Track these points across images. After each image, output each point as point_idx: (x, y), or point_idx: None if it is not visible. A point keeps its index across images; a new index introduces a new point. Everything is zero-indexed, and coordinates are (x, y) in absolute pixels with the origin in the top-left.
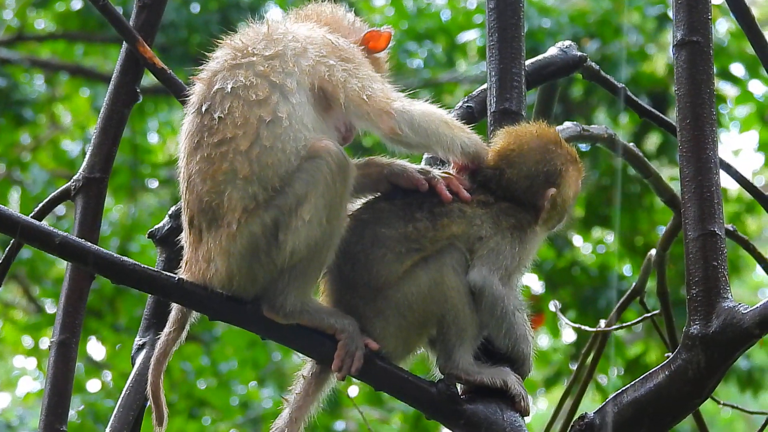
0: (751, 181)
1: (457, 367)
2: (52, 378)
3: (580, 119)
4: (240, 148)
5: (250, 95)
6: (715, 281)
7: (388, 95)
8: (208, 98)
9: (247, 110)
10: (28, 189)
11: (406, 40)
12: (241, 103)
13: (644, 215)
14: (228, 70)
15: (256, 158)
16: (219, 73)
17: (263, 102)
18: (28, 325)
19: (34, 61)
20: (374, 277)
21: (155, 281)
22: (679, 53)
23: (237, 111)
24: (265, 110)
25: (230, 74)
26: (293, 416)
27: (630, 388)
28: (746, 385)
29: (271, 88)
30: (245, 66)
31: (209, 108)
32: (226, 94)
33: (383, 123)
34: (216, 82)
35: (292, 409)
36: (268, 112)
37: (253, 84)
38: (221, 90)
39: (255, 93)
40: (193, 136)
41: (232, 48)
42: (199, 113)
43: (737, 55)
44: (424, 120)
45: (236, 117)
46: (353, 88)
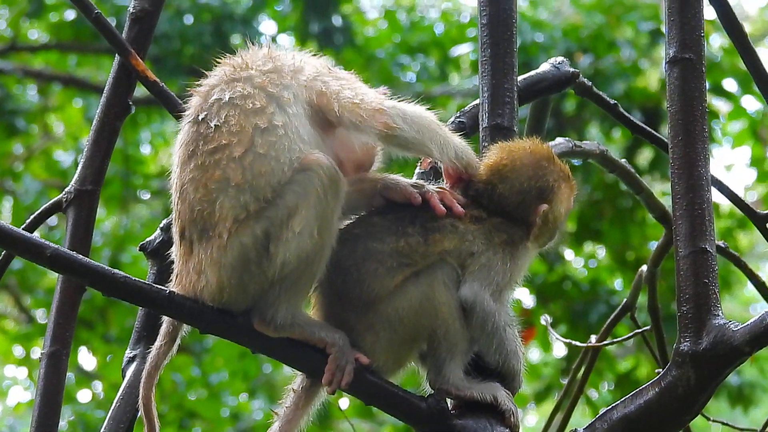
0: (742, 197)
1: (447, 382)
2: (43, 389)
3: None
4: (234, 155)
5: (247, 104)
6: (705, 298)
7: (380, 98)
8: (204, 108)
9: (243, 118)
10: (20, 199)
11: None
12: (237, 111)
13: (636, 230)
14: (226, 83)
15: (249, 166)
16: (216, 86)
17: (260, 111)
18: (19, 335)
19: (26, 71)
20: (365, 292)
21: (146, 294)
22: (672, 70)
23: (233, 119)
24: (261, 119)
25: (228, 86)
26: (283, 429)
27: (620, 404)
28: (736, 401)
29: (268, 99)
30: (243, 79)
31: (205, 117)
32: (223, 104)
33: (376, 120)
34: (213, 94)
35: (282, 422)
36: (263, 121)
37: (250, 94)
38: (218, 100)
39: (252, 102)
40: (188, 145)
41: (231, 65)
42: (195, 122)
43: (730, 71)
44: (417, 116)
45: (232, 125)
46: (346, 96)
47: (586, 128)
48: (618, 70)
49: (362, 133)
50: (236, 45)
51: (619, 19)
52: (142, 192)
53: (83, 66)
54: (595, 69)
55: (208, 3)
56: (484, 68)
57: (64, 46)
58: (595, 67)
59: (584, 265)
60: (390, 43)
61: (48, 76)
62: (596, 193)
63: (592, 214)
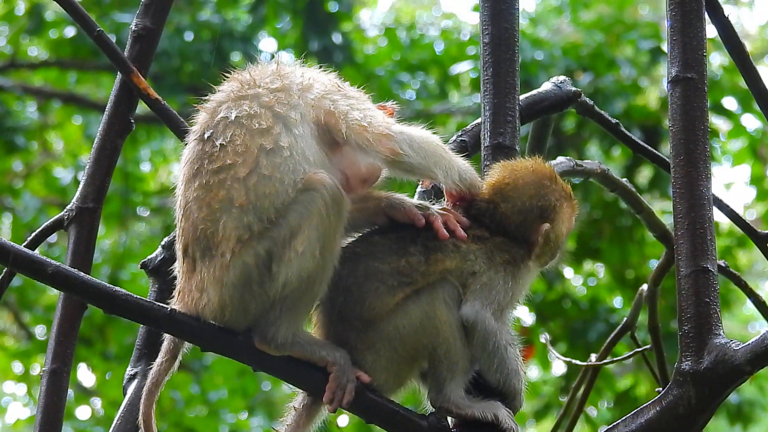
0: (742, 216)
1: (448, 401)
2: (44, 407)
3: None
4: (238, 175)
5: (253, 124)
6: (707, 317)
7: (388, 122)
8: (210, 126)
9: (249, 138)
10: (19, 216)
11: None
12: (243, 131)
13: (635, 248)
14: (233, 100)
15: (253, 187)
16: (224, 103)
17: (266, 131)
18: (19, 352)
19: (26, 89)
20: (366, 310)
21: (147, 312)
22: (674, 89)
23: (239, 139)
24: (267, 139)
25: (235, 104)
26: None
27: (621, 423)
28: (735, 419)
29: (274, 119)
30: (250, 97)
31: (211, 136)
32: (230, 123)
33: (383, 146)
34: (220, 112)
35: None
36: (269, 141)
37: (257, 114)
38: (225, 119)
39: (258, 122)
40: (193, 163)
41: (239, 81)
42: (201, 140)
43: (730, 89)
44: (424, 141)
45: (237, 145)
46: (354, 118)
47: (586, 146)
48: (618, 88)
49: (368, 156)
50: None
51: (619, 38)
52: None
53: (83, 83)
54: (594, 87)
55: (207, 20)
56: (486, 87)
57: (63, 63)
58: (595, 85)
59: (583, 283)
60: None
61: (47, 93)
62: (596, 211)
63: (591, 233)
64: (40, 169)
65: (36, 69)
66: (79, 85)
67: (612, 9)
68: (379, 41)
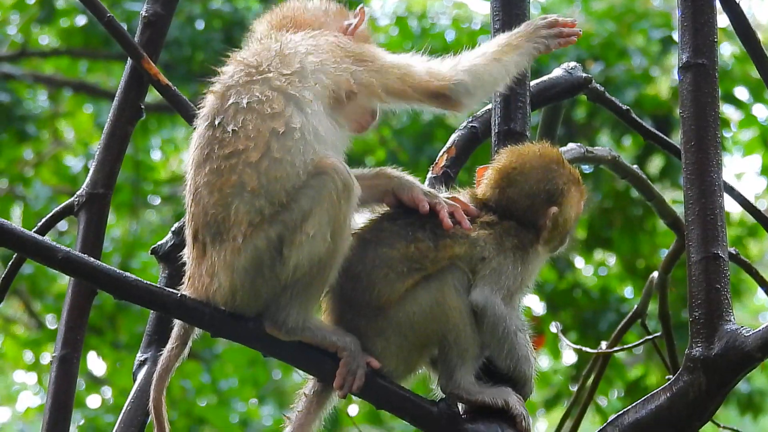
0: (753, 204)
1: (458, 387)
2: (54, 393)
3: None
4: (249, 160)
5: (265, 109)
6: (717, 304)
7: (427, 69)
8: (221, 112)
9: (261, 123)
10: (30, 205)
11: None
12: (255, 116)
13: (646, 238)
14: (243, 86)
15: (264, 171)
16: (233, 88)
17: (277, 115)
18: (29, 341)
19: (37, 77)
20: (376, 297)
21: (157, 297)
22: (685, 76)
23: (250, 124)
24: (278, 122)
25: (245, 89)
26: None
27: (631, 409)
28: (746, 409)
29: (286, 101)
30: (261, 81)
31: (222, 121)
32: (241, 109)
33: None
34: (230, 97)
35: (294, 427)
36: (281, 124)
37: (268, 98)
38: (236, 104)
39: (270, 106)
40: (203, 148)
41: (246, 65)
42: (212, 126)
43: (741, 79)
44: (474, 67)
45: (249, 130)
46: (389, 80)
47: (597, 136)
48: (629, 77)
49: (423, 107)
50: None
51: (630, 27)
52: (153, 198)
53: (94, 72)
54: (605, 77)
55: (219, 9)
56: None
57: (74, 51)
58: (606, 74)
59: (594, 273)
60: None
61: (58, 81)
62: (606, 201)
63: (602, 222)
64: (51, 158)
65: (47, 58)
66: (90, 74)
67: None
68: (390, 30)
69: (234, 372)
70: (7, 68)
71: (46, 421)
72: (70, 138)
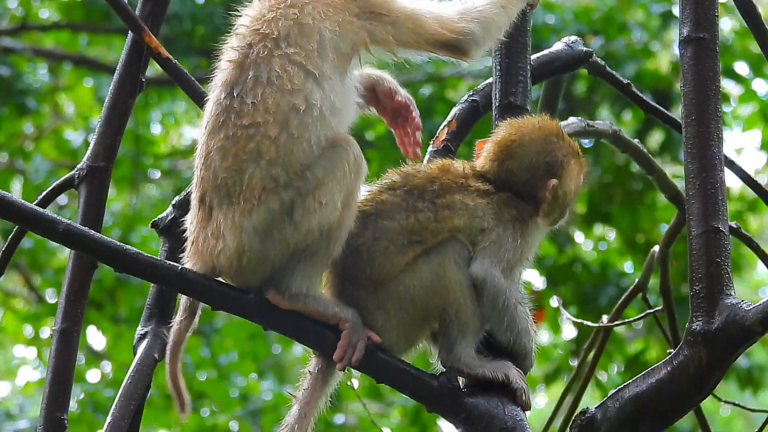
0: (754, 178)
1: (458, 361)
2: (54, 366)
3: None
4: (268, 134)
5: (285, 84)
6: (718, 278)
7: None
8: (239, 83)
9: (280, 98)
10: (30, 178)
11: None
12: (274, 90)
13: (646, 213)
14: (263, 59)
15: (282, 145)
16: (252, 59)
17: (297, 91)
18: (29, 315)
19: (37, 51)
20: (376, 270)
21: (158, 270)
22: (686, 50)
23: (270, 99)
24: (298, 98)
25: (265, 63)
26: (302, 412)
27: (631, 383)
28: (746, 384)
29: (305, 76)
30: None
31: (241, 92)
32: (260, 82)
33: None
34: (249, 68)
35: (301, 404)
36: (300, 100)
37: (288, 73)
38: (255, 77)
39: (290, 81)
40: (219, 115)
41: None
42: (230, 96)
43: (741, 54)
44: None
45: (269, 105)
46: (403, 34)
47: (597, 110)
48: (629, 52)
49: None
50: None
51: (630, 2)
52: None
53: (94, 45)
54: (606, 51)
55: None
56: (498, 48)
57: (75, 25)
58: (606, 49)
59: (594, 247)
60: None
61: (59, 55)
62: (606, 175)
63: (602, 197)
64: (51, 132)
65: (47, 31)
66: (90, 48)
67: None
68: None
69: (234, 346)
70: (8, 42)
71: (46, 395)
72: (70, 112)
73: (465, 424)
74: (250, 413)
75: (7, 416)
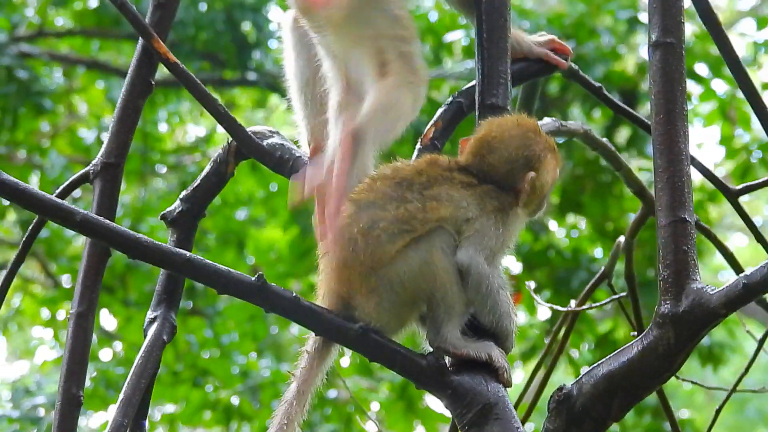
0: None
1: (445, 341)
2: (71, 347)
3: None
4: None
5: None
6: (684, 264)
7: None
8: None
9: None
10: (46, 173)
11: None
12: None
13: (614, 203)
14: None
15: None
16: None
17: None
18: (46, 299)
19: (53, 56)
20: (369, 257)
21: (168, 257)
22: (654, 53)
23: None
24: None
25: None
26: (301, 389)
27: (605, 362)
28: (707, 360)
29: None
30: None
31: None
32: None
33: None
34: None
35: (299, 382)
36: None
37: None
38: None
39: None
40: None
41: None
42: None
43: (701, 56)
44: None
45: None
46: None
47: (569, 109)
48: (598, 55)
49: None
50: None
51: (600, 8)
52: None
53: (105, 50)
54: (577, 54)
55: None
56: (480, 53)
57: (87, 32)
58: (578, 52)
59: (567, 235)
60: None
61: (72, 59)
62: (578, 168)
63: (574, 188)
64: (66, 130)
65: (62, 37)
66: (101, 52)
67: None
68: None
69: (235, 327)
70: (26, 47)
71: (64, 373)
72: (84, 111)
73: (451, 400)
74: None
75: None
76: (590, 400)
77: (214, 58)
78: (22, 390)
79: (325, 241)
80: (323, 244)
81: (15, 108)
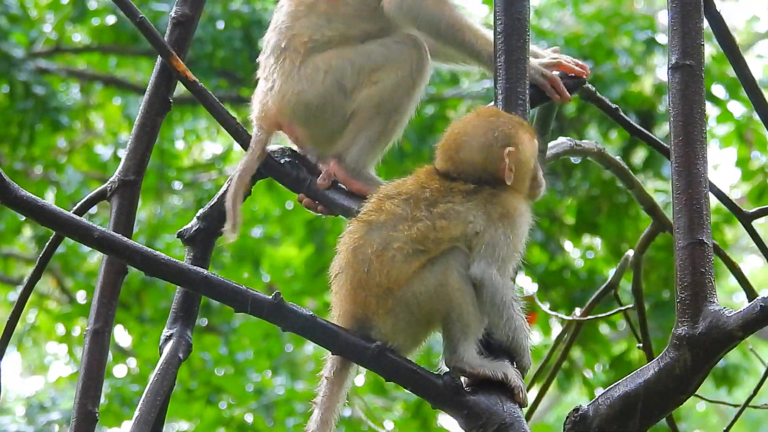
0: (728, 195)
1: (462, 361)
2: (87, 363)
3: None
4: None
5: None
6: (702, 286)
7: None
8: None
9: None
10: (63, 189)
11: None
12: None
13: (630, 223)
14: None
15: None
16: None
17: None
18: (61, 315)
19: (70, 72)
20: (385, 278)
21: (185, 275)
22: (674, 75)
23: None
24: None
25: None
26: (324, 417)
27: (621, 383)
28: (721, 382)
29: None
30: None
31: None
32: None
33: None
34: None
35: (322, 410)
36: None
37: None
38: None
39: None
40: None
41: None
42: None
43: (718, 78)
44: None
45: None
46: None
47: (586, 129)
48: (615, 75)
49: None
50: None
51: (617, 29)
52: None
53: (122, 67)
54: (594, 75)
55: (238, 10)
56: (500, 73)
57: (105, 48)
58: (595, 73)
59: (582, 255)
60: None
61: (90, 76)
62: (594, 189)
63: (590, 209)
64: (83, 146)
65: (79, 54)
66: (119, 69)
67: (610, 2)
68: None
69: (250, 345)
70: (43, 63)
71: (79, 390)
72: (100, 128)
73: (466, 420)
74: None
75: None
76: (606, 421)
77: (231, 76)
78: (37, 406)
79: (336, 262)
80: (334, 265)
81: (32, 124)
